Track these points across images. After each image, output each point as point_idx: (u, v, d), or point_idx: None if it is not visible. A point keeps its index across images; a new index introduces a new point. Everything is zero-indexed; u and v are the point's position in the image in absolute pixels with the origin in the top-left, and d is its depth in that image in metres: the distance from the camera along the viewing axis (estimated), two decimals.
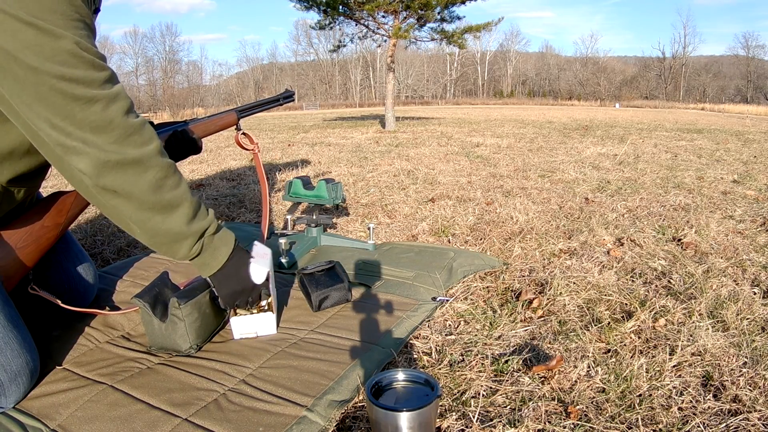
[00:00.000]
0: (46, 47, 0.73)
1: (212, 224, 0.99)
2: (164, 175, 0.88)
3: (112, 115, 0.81)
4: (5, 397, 0.90)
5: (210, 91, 56.97)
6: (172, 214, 0.90)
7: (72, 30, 0.76)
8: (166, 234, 0.91)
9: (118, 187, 0.84)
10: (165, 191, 0.88)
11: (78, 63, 0.77)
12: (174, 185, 0.90)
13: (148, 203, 0.87)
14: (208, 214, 0.98)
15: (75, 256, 1.29)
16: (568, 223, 2.16)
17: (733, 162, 4.08)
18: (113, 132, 0.81)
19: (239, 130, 1.45)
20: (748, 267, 1.59)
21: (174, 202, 0.89)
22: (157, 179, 0.87)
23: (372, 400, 0.72)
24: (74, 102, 0.77)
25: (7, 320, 0.93)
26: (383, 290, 1.42)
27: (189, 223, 0.92)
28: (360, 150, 5.23)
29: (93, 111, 0.79)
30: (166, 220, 0.89)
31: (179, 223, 0.91)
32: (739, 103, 38.29)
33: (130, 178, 0.84)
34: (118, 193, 0.84)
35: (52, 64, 0.74)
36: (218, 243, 1.00)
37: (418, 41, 10.28)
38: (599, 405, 0.90)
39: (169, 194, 0.89)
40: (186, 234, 0.93)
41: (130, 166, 0.83)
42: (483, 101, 50.50)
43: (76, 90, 0.77)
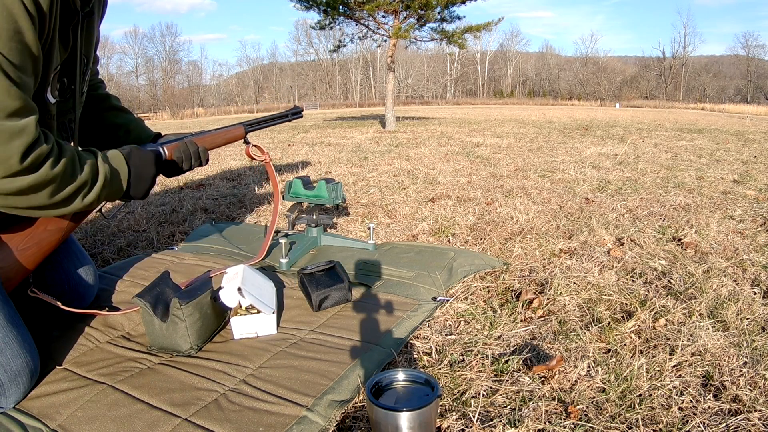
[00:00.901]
0: None
1: (101, 170, 0.99)
2: (60, 182, 0.89)
3: (11, 151, 0.79)
4: (5, 398, 0.90)
5: (210, 91, 56.96)
6: (73, 200, 0.93)
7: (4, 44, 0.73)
8: (75, 209, 0.96)
9: (17, 204, 0.86)
10: (63, 190, 0.90)
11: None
12: (69, 176, 0.90)
13: (47, 206, 0.90)
14: (98, 174, 0.98)
15: (75, 256, 1.29)
16: (568, 223, 2.16)
17: (733, 162, 4.08)
18: (11, 168, 0.79)
19: (248, 143, 1.46)
20: (748, 267, 1.59)
21: (72, 193, 0.92)
22: (53, 189, 0.88)
23: (372, 400, 0.72)
24: None
25: (6, 320, 0.93)
26: (383, 290, 1.42)
27: (89, 190, 0.96)
28: (360, 150, 5.23)
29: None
30: (68, 208, 0.94)
31: (79, 201, 0.95)
32: (739, 103, 38.28)
33: (27, 197, 0.85)
34: (17, 208, 0.87)
35: None
36: (116, 179, 1.03)
37: (418, 41, 10.28)
38: (599, 405, 0.90)
39: (66, 190, 0.91)
40: (91, 200, 0.97)
41: (26, 190, 0.84)
42: (483, 101, 50.49)
43: None
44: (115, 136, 1.27)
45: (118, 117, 1.30)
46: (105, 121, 1.28)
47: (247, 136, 1.46)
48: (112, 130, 1.27)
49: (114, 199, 1.07)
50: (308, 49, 60.02)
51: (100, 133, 1.28)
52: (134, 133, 1.29)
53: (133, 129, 1.29)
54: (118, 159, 1.05)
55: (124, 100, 10.42)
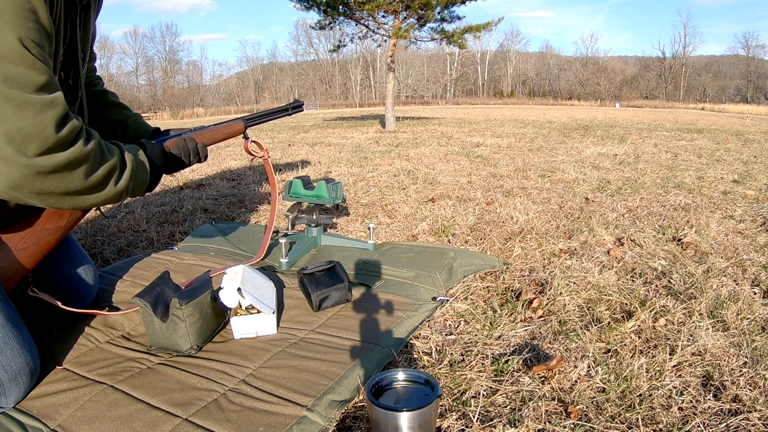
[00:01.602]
0: None
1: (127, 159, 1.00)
2: (94, 159, 0.90)
3: (45, 123, 0.78)
4: (5, 397, 0.90)
5: (210, 91, 56.95)
6: (106, 184, 0.94)
7: (18, 22, 0.73)
8: (110, 197, 0.97)
9: (53, 188, 0.85)
10: (96, 173, 0.91)
11: (18, 60, 0.74)
12: (100, 159, 0.92)
13: (83, 189, 0.90)
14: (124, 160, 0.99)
15: (75, 256, 1.29)
16: (568, 223, 2.16)
17: (733, 162, 4.08)
18: (46, 141, 0.79)
19: (247, 138, 1.44)
20: (748, 267, 1.59)
21: (105, 176, 0.93)
22: (88, 168, 0.88)
23: (372, 400, 0.72)
24: (7, 104, 0.74)
25: (6, 320, 0.93)
26: (383, 290, 1.42)
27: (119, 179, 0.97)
28: (360, 150, 5.23)
29: (26, 116, 0.76)
30: (101, 193, 0.94)
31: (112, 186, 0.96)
32: (739, 103, 38.27)
33: (64, 178, 0.85)
34: (53, 193, 0.86)
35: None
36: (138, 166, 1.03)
37: (418, 41, 10.28)
38: (599, 405, 0.90)
39: (99, 173, 0.91)
40: (121, 189, 0.98)
41: (60, 169, 0.83)
42: (483, 101, 50.48)
43: (10, 92, 0.74)
44: (113, 132, 1.27)
45: (116, 113, 1.29)
46: (103, 117, 1.28)
47: (246, 131, 1.44)
48: (110, 126, 1.27)
49: (138, 192, 1.07)
50: (308, 49, 60.03)
51: (98, 129, 1.28)
52: (132, 129, 1.28)
53: (131, 124, 1.29)
54: (140, 152, 1.06)
55: (124, 100, 10.25)
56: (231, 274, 1.21)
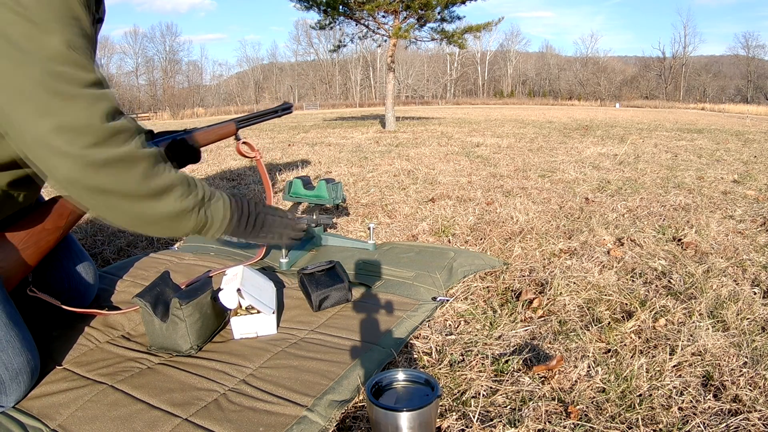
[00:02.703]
0: (35, 40, 0.73)
1: (204, 192, 0.98)
2: (151, 163, 0.87)
3: (95, 115, 0.79)
4: (6, 396, 0.91)
5: (210, 91, 56.97)
6: (169, 195, 0.90)
7: (64, 28, 0.75)
8: (168, 216, 0.91)
9: (108, 186, 0.82)
10: (155, 179, 0.87)
11: (66, 60, 0.75)
12: (162, 169, 0.89)
13: (141, 193, 0.86)
14: (197, 184, 0.97)
15: (75, 255, 1.29)
16: (568, 223, 2.16)
17: (733, 162, 4.08)
18: (96, 133, 0.79)
19: (239, 139, 1.46)
20: (749, 267, 1.59)
21: (166, 185, 0.89)
22: (145, 169, 0.86)
23: (372, 400, 0.72)
24: (57, 97, 0.75)
25: (8, 318, 0.94)
26: (383, 290, 1.42)
27: (186, 196, 0.92)
28: (360, 150, 5.23)
29: (76, 109, 0.77)
30: (164, 204, 0.89)
31: (176, 201, 0.91)
32: (740, 103, 38.28)
33: (118, 174, 0.82)
34: (108, 191, 0.83)
35: (39, 58, 0.73)
36: (216, 206, 1.00)
37: (418, 41, 10.28)
38: (599, 405, 0.90)
39: (159, 180, 0.88)
40: (187, 208, 0.93)
41: (115, 164, 0.82)
42: (483, 101, 50.49)
43: (60, 86, 0.75)
44: None
45: None
46: None
47: (238, 132, 1.46)
48: None
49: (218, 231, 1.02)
50: (308, 49, 60.04)
51: None
52: None
53: None
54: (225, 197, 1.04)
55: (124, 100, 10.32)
56: (231, 274, 1.21)
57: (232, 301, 1.14)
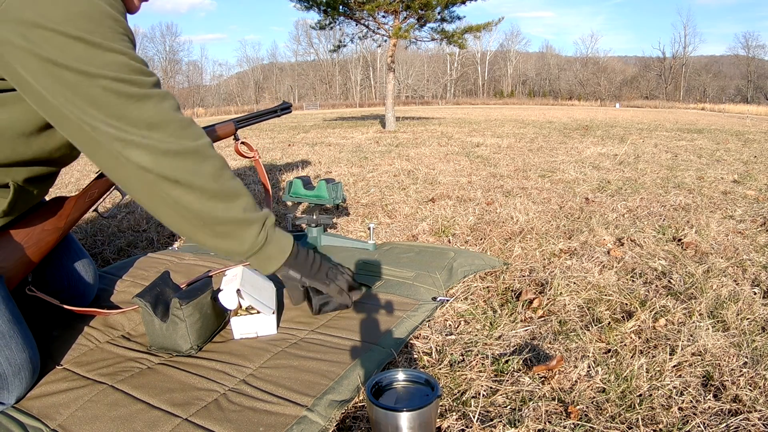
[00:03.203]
0: (96, 58, 0.77)
1: (270, 217, 1.00)
2: (221, 166, 0.91)
3: (166, 110, 0.84)
4: (8, 392, 0.91)
5: (210, 91, 56.97)
6: (235, 201, 0.92)
7: (119, 42, 0.80)
8: (231, 222, 0.93)
9: (180, 176, 0.85)
10: (224, 180, 0.91)
11: (128, 69, 0.80)
12: (231, 176, 0.93)
13: (210, 191, 0.89)
14: (262, 208, 1.00)
15: (75, 255, 1.29)
16: (568, 223, 2.16)
17: (733, 162, 4.08)
18: (169, 126, 0.84)
19: (237, 140, 1.47)
20: (749, 267, 1.59)
21: (234, 191, 0.92)
22: (216, 169, 0.89)
23: (372, 400, 0.72)
24: (128, 100, 0.80)
25: (11, 315, 0.94)
26: (383, 290, 1.42)
27: (251, 210, 0.95)
28: (360, 150, 5.23)
29: (148, 107, 0.82)
30: (229, 208, 0.92)
31: (242, 209, 0.93)
32: (740, 103, 38.28)
33: (191, 166, 0.86)
34: (179, 183, 0.86)
35: (103, 71, 0.78)
36: (280, 234, 1.02)
37: (419, 41, 10.28)
38: (599, 405, 0.90)
39: (228, 183, 0.91)
40: (251, 220, 0.95)
41: (189, 155, 0.86)
42: (483, 101, 50.49)
43: (130, 89, 0.80)
44: None
45: None
46: None
47: (237, 132, 1.47)
48: None
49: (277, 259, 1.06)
50: (308, 49, 60.05)
51: None
52: None
53: None
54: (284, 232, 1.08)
55: None
56: (230, 275, 1.21)
57: (232, 301, 1.14)
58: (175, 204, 0.88)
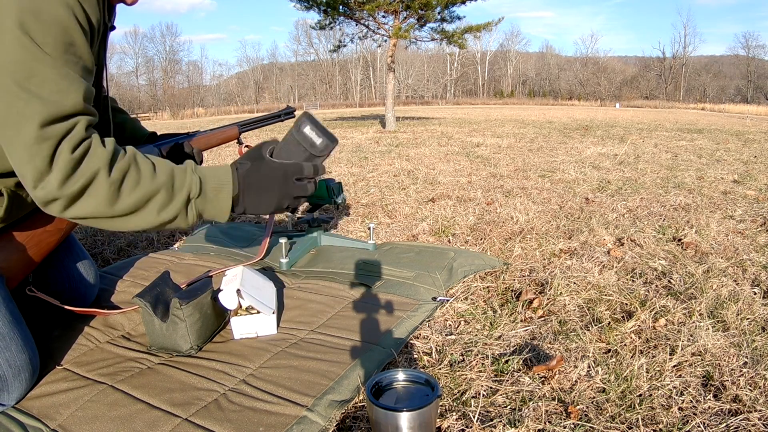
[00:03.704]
0: (26, 66, 0.72)
1: (193, 186, 0.90)
2: (118, 185, 0.82)
3: (62, 151, 0.76)
4: (8, 393, 0.91)
5: (210, 91, 56.98)
6: (144, 209, 0.85)
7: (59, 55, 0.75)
8: (150, 225, 0.88)
9: (80, 214, 0.81)
10: (125, 197, 0.83)
11: (52, 91, 0.74)
12: (133, 185, 0.84)
13: (115, 214, 0.83)
14: (185, 178, 0.89)
15: (76, 255, 1.30)
16: (568, 223, 2.16)
17: (733, 162, 4.08)
18: (59, 170, 0.76)
19: (241, 143, 1.47)
20: (749, 267, 1.59)
21: (140, 201, 0.84)
22: (111, 193, 0.81)
23: (372, 400, 0.72)
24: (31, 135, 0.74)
25: (11, 316, 0.94)
26: (383, 290, 1.42)
27: (165, 207, 0.87)
28: (360, 150, 5.23)
29: (45, 147, 0.75)
30: (141, 217, 0.86)
31: (154, 213, 0.86)
32: (740, 103, 38.29)
33: (86, 204, 0.80)
34: (82, 218, 0.82)
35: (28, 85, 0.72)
36: (213, 194, 0.92)
37: (419, 41, 10.29)
38: (599, 405, 0.90)
39: (130, 198, 0.83)
40: (169, 217, 0.88)
41: (80, 195, 0.79)
42: (483, 101, 50.51)
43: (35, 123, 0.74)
44: (109, 135, 1.28)
45: (114, 117, 1.31)
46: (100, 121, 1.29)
47: (240, 136, 1.47)
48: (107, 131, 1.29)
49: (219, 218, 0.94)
50: (308, 49, 60.05)
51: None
52: (129, 133, 1.30)
53: (128, 128, 1.31)
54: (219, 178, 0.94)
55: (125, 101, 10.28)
56: (230, 275, 1.21)
57: (232, 301, 1.14)
58: (92, 224, 0.85)
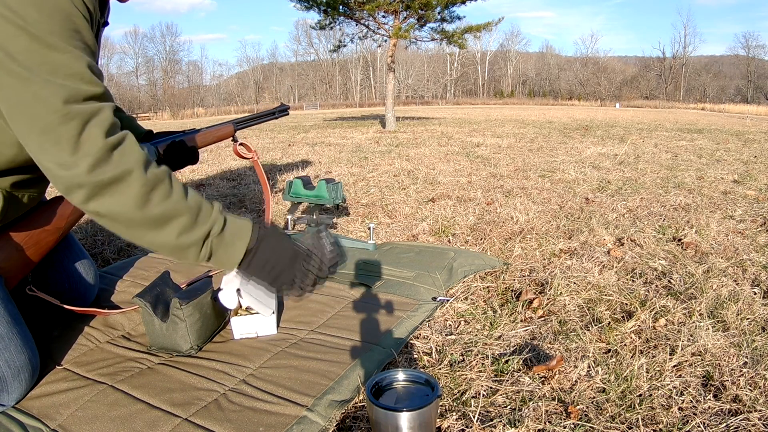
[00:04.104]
0: (36, 54, 0.72)
1: (216, 224, 0.88)
2: (150, 189, 0.80)
3: (91, 133, 0.76)
4: (8, 394, 0.91)
5: (210, 91, 56.98)
6: (165, 227, 0.82)
7: (66, 41, 0.74)
8: (164, 247, 0.85)
9: (101, 210, 0.79)
10: (153, 206, 0.81)
11: (67, 75, 0.74)
12: (163, 197, 0.82)
13: (135, 221, 0.80)
14: (212, 213, 0.88)
15: (76, 255, 1.30)
16: (568, 223, 2.16)
17: (733, 162, 4.08)
18: (90, 154, 0.75)
19: (236, 141, 1.47)
20: (749, 267, 1.59)
21: (165, 215, 0.82)
22: (142, 195, 0.79)
23: (372, 400, 0.72)
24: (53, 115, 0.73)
25: (10, 317, 0.94)
26: (384, 290, 1.42)
27: (186, 232, 0.84)
28: (360, 150, 5.23)
29: (70, 127, 0.74)
30: (159, 235, 0.82)
31: (174, 235, 0.83)
32: (740, 103, 38.29)
33: (111, 199, 0.78)
34: (101, 215, 0.79)
35: (40, 71, 0.72)
36: (230, 239, 0.89)
37: (419, 41, 10.29)
38: (599, 405, 0.90)
39: (158, 208, 0.81)
40: (186, 244, 0.85)
41: (109, 187, 0.77)
42: (483, 101, 50.51)
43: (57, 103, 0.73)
44: None
45: None
46: None
47: (236, 134, 1.48)
48: None
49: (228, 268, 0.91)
50: (308, 49, 60.06)
51: None
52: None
53: (125, 127, 1.30)
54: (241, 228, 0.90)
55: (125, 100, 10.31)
56: (230, 275, 1.20)
57: (232, 301, 1.13)
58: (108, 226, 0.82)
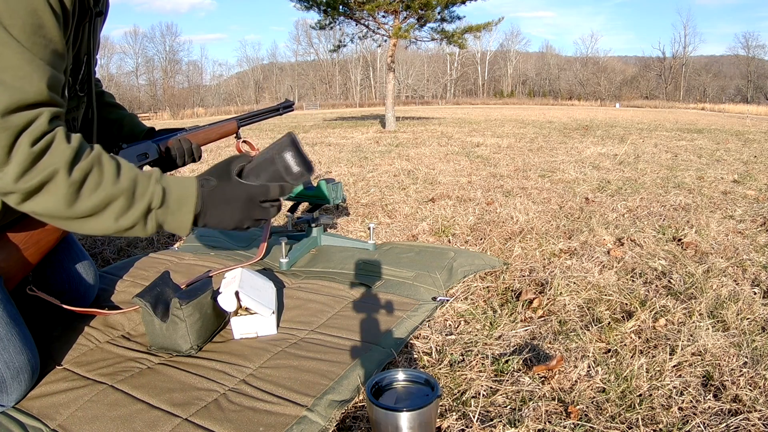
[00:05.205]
0: None
1: (155, 196, 0.86)
2: (78, 186, 0.79)
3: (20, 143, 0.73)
4: (7, 395, 0.91)
5: (210, 91, 56.99)
6: (101, 214, 0.82)
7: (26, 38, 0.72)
8: (106, 231, 0.85)
9: (36, 210, 0.79)
10: (84, 200, 0.80)
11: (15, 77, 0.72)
12: (93, 188, 0.80)
13: (71, 216, 0.80)
14: (149, 186, 0.86)
15: (76, 255, 1.29)
16: (568, 223, 2.16)
17: (733, 162, 4.08)
18: (16, 164, 0.73)
19: (239, 138, 1.47)
20: (749, 267, 1.59)
21: (99, 205, 0.81)
22: (71, 193, 0.78)
23: (372, 400, 0.72)
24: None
25: (9, 317, 0.94)
26: (383, 290, 1.42)
27: (124, 214, 0.84)
28: (360, 150, 5.23)
29: (1, 139, 0.71)
30: (98, 222, 0.82)
31: (111, 220, 0.83)
32: (740, 103, 38.29)
33: (42, 199, 0.77)
34: (38, 213, 0.80)
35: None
36: (175, 206, 0.88)
37: (419, 41, 10.29)
38: (599, 405, 0.90)
39: (89, 201, 0.80)
40: (127, 225, 0.85)
41: (38, 191, 0.76)
42: (483, 101, 50.52)
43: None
44: (108, 133, 1.27)
45: (111, 113, 1.30)
46: (99, 117, 1.28)
47: (239, 131, 1.47)
48: (105, 127, 1.27)
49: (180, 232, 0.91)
50: (308, 49, 60.06)
51: None
52: (127, 129, 1.28)
53: (126, 124, 1.29)
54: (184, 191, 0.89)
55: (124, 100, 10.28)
56: (229, 278, 1.21)
57: (231, 304, 1.14)
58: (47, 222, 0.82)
